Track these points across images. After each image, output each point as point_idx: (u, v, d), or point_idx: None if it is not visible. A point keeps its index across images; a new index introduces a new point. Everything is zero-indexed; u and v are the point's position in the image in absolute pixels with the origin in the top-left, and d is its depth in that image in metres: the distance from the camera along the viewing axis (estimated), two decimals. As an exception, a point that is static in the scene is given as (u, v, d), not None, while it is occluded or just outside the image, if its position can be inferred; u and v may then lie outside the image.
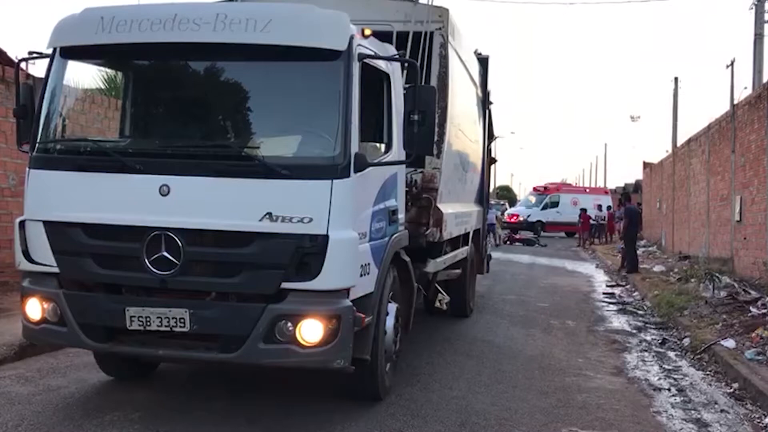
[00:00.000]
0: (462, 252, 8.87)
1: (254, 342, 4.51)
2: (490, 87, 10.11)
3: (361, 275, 4.84)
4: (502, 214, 34.60)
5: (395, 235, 5.60)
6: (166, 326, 4.62)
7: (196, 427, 4.83)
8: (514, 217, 36.56)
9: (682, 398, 6.10)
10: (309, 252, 4.48)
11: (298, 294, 4.52)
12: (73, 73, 5.25)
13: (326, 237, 4.48)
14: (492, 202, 25.78)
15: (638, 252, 17.90)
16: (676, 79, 29.28)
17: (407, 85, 5.41)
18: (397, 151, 5.40)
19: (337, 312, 4.53)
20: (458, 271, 8.79)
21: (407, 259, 6.00)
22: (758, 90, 13.80)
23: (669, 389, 6.38)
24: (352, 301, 4.68)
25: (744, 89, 23.21)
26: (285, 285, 4.52)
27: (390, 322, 5.58)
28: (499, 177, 78.29)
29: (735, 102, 15.16)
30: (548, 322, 9.93)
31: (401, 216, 5.88)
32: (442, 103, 6.72)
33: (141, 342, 4.79)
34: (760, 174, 12.64)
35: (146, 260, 4.60)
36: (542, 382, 6.49)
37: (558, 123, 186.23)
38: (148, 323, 4.63)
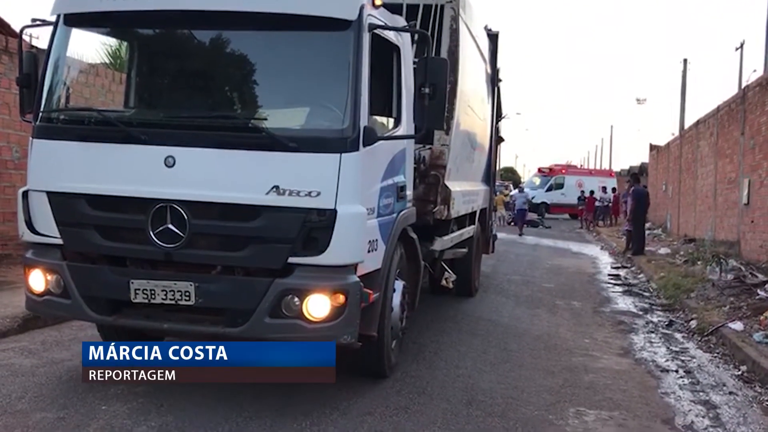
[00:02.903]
0: (468, 231, 8.80)
1: (260, 316, 4.45)
2: (499, 64, 9.95)
3: (368, 251, 4.77)
4: (506, 195, 34.46)
5: (403, 212, 5.52)
6: (171, 299, 4.56)
7: (200, 402, 4.79)
8: (514, 198, 36.34)
9: (689, 380, 6.05)
10: (316, 226, 4.41)
11: (305, 269, 4.45)
12: (77, 45, 5.14)
13: (334, 211, 4.40)
14: (497, 183, 25.67)
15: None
16: (685, 60, 29.03)
17: (418, 58, 5.29)
18: (407, 126, 5.31)
19: (345, 287, 4.47)
20: (464, 250, 8.72)
21: (414, 236, 5.93)
22: (770, 71, 13.59)
23: (676, 371, 6.33)
24: (359, 277, 4.62)
25: (753, 72, 23.02)
26: (292, 260, 4.45)
27: (397, 299, 5.53)
28: (504, 158, 78.06)
29: (744, 85, 14.99)
30: (553, 302, 9.88)
31: (409, 193, 5.79)
32: (451, 78, 6.59)
33: (146, 315, 4.74)
34: (769, 157, 12.50)
35: (151, 232, 4.54)
36: (549, 361, 6.45)
37: (564, 105, 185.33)
38: (153, 296, 4.57)
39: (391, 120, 5.33)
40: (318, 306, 4.44)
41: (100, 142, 4.69)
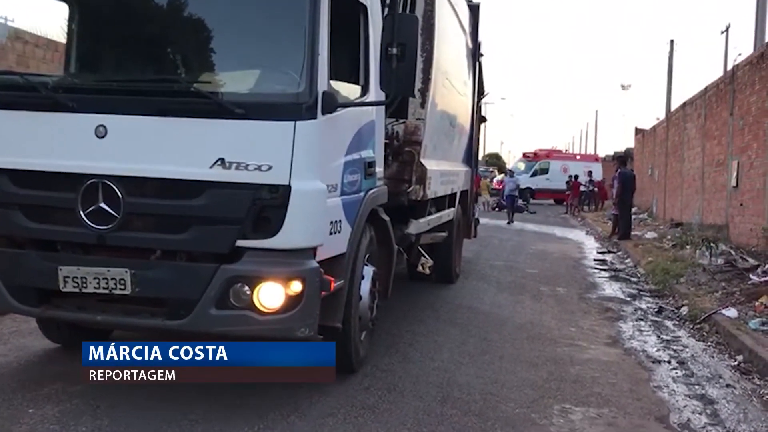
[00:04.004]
0: (448, 214, 8.30)
1: (205, 307, 3.92)
2: (480, 38, 9.41)
3: (330, 233, 4.26)
4: (491, 180, 34.05)
5: (372, 191, 5.01)
6: (104, 288, 4.02)
7: (141, 403, 4.26)
8: (503, 184, 35.99)
9: (683, 371, 5.61)
10: (268, 205, 3.89)
11: (256, 253, 3.93)
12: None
13: (288, 188, 3.87)
14: (481, 169, 25.08)
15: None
16: (671, 41, 28.55)
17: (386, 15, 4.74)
18: (376, 95, 4.77)
19: (301, 274, 3.94)
20: (444, 234, 8.23)
21: (386, 218, 5.42)
22: (761, 49, 13.18)
23: (669, 361, 5.89)
24: (319, 262, 4.11)
25: (739, 55, 22.64)
26: (240, 243, 3.93)
27: (366, 286, 5.03)
28: (489, 144, 77.64)
29: (730, 67, 14.59)
30: (538, 288, 9.43)
31: (379, 170, 5.27)
32: (427, 46, 6.09)
33: (78, 306, 4.20)
34: (759, 137, 12.10)
35: (81, 213, 4.00)
36: (532, 352, 5.98)
37: (549, 90, 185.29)
38: (84, 285, 4.03)
39: (358, 88, 4.79)
40: (270, 295, 3.92)
41: (23, 110, 4.13)
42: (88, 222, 4.00)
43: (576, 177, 30.43)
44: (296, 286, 3.93)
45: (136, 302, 4.13)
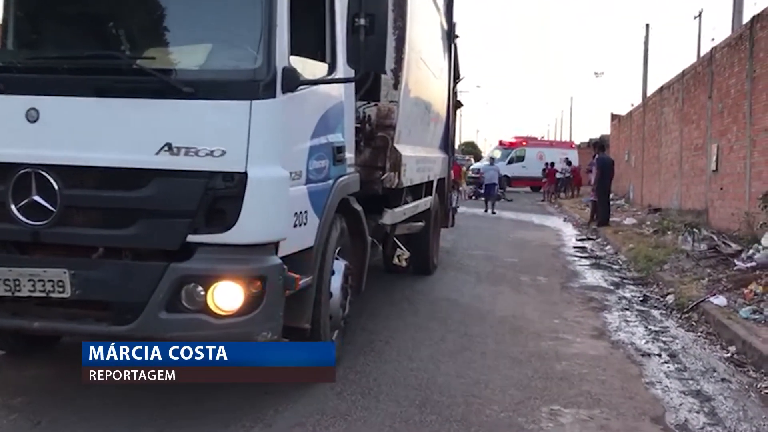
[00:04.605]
0: (425, 203, 7.93)
1: (154, 311, 3.51)
2: (455, 19, 9.02)
3: (295, 225, 3.86)
4: (467, 169, 33.77)
5: (342, 178, 4.61)
6: (40, 291, 3.58)
7: (89, 416, 3.85)
8: (481, 173, 35.73)
9: (675, 365, 5.30)
10: (222, 195, 3.48)
11: (210, 250, 3.52)
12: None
13: (244, 175, 3.47)
14: (458, 157, 24.63)
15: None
16: (647, 25, 28.52)
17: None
18: (343, 72, 4.36)
19: (261, 272, 3.54)
20: (421, 224, 7.87)
21: (359, 208, 5.03)
22: (739, 30, 12.96)
23: (659, 354, 5.58)
24: (283, 258, 3.71)
25: (712, 41, 22.52)
26: (192, 238, 3.52)
27: (337, 282, 4.64)
28: (465, 133, 77.44)
29: (703, 53, 14.37)
30: (518, 278, 9.10)
31: (350, 156, 4.88)
32: (399, 23, 5.70)
33: (12, 312, 3.74)
34: (739, 120, 11.89)
35: (13, 207, 3.56)
36: (515, 347, 5.64)
37: (523, 79, 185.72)
38: (18, 288, 3.59)
39: (325, 66, 4.37)
40: (227, 296, 3.52)
41: None
42: (21, 217, 3.57)
43: (552, 164, 30.29)
44: (256, 286, 3.52)
45: (77, 306, 3.69)
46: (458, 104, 10.95)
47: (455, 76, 9.76)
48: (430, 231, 8.38)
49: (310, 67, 4.17)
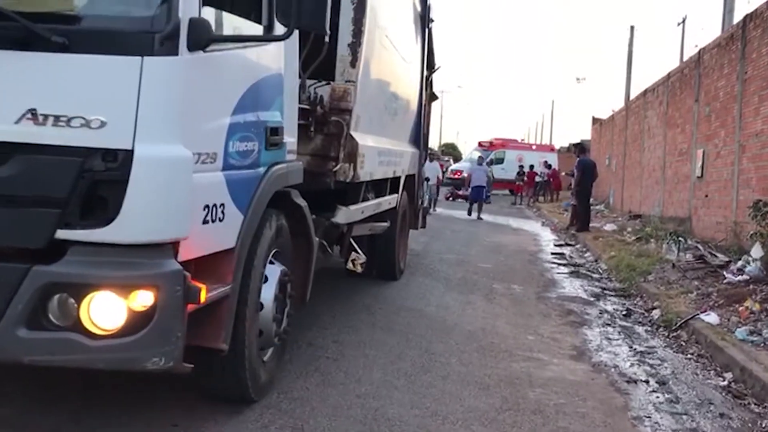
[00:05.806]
0: (390, 200, 7.17)
1: (10, 327, 2.69)
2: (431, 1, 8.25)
3: (205, 221, 3.06)
4: (446, 170, 33.12)
5: (278, 167, 3.83)
6: None
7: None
8: (458, 173, 35.10)
9: (665, 395, 4.59)
10: (102, 179, 2.69)
11: (86, 250, 2.71)
12: None
13: (130, 153, 2.66)
14: (441, 157, 23.76)
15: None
16: (632, 27, 27.86)
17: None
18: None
19: (152, 280, 2.74)
20: (385, 224, 7.11)
21: (303, 203, 4.25)
22: (730, 29, 12.36)
23: (647, 381, 4.86)
24: (186, 262, 2.92)
25: (695, 47, 22.03)
26: (62, 234, 2.71)
27: (270, 291, 3.86)
28: (445, 134, 76.83)
29: (686, 58, 13.77)
30: (491, 286, 8.38)
31: (291, 140, 4.10)
32: (358, -10, 4.91)
33: None
34: (728, 124, 11.30)
35: None
36: (482, 369, 4.90)
37: (505, 81, 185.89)
38: None
39: (260, 28, 3.57)
40: (106, 310, 2.72)
41: None
42: None
43: (531, 167, 29.69)
44: (145, 298, 2.72)
45: None
46: (433, 96, 10.19)
47: (430, 65, 8.99)
48: (396, 232, 7.62)
49: (238, 27, 3.39)
